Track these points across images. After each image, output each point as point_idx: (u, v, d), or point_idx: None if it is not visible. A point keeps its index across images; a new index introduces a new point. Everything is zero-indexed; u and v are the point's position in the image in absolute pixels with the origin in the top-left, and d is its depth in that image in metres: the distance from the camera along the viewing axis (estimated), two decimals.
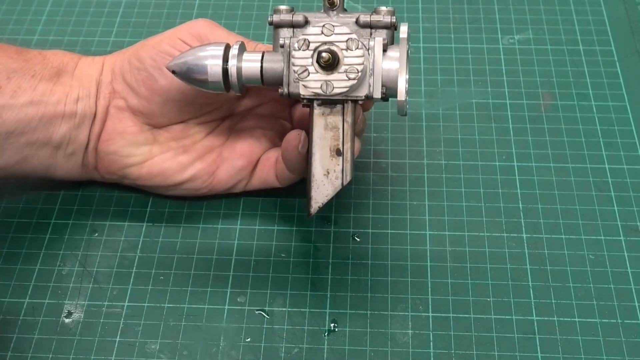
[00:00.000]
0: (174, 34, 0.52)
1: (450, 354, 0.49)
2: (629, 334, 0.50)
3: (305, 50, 0.43)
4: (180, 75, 0.49)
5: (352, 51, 0.44)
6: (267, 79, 0.48)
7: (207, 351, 0.49)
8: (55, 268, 0.53)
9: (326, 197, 0.48)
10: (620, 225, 0.55)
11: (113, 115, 0.53)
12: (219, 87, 0.49)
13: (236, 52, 0.48)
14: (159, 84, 0.51)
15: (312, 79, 0.44)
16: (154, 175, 0.54)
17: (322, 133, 0.47)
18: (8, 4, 0.73)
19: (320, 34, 0.43)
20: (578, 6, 0.71)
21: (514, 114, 0.62)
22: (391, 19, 0.48)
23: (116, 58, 0.54)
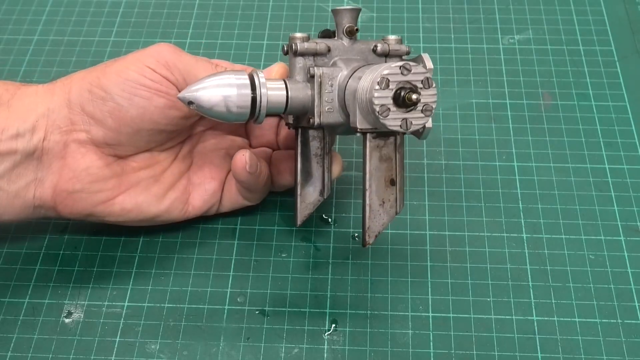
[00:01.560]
0: (141, 62, 0.48)
1: (450, 354, 0.49)
2: (629, 334, 0.50)
3: (386, 90, 0.43)
4: (200, 107, 0.46)
5: (427, 89, 0.44)
6: (292, 107, 0.48)
7: (207, 351, 0.49)
8: (55, 268, 0.53)
9: (382, 226, 0.48)
10: (620, 225, 0.55)
11: (74, 150, 0.49)
12: (243, 117, 0.47)
13: (264, 80, 0.47)
14: (129, 115, 0.48)
15: (392, 117, 0.44)
16: (127, 210, 0.51)
17: (377, 165, 0.47)
18: (8, 4, 0.73)
19: (399, 74, 0.43)
20: (578, 6, 0.71)
21: (514, 114, 0.62)
22: (407, 49, 0.50)
23: (70, 86, 0.49)
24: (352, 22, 0.50)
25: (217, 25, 0.70)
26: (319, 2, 0.72)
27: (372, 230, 0.48)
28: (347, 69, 0.48)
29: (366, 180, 0.47)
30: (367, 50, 0.50)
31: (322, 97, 0.48)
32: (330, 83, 0.48)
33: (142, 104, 0.48)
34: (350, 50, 0.50)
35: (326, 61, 0.49)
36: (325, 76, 0.48)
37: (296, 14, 0.71)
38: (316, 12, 0.71)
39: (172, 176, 0.52)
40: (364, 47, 0.50)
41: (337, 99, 0.48)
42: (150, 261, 0.54)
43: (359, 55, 0.50)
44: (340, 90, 0.47)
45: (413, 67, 0.43)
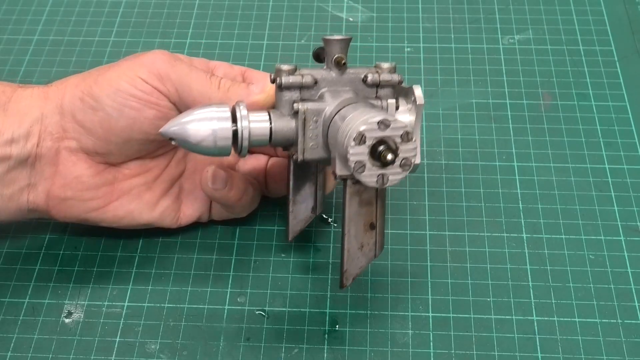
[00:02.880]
0: (133, 72, 0.48)
1: (450, 354, 0.49)
2: (629, 334, 0.50)
3: (362, 146, 0.42)
4: (181, 143, 0.45)
5: (407, 144, 0.42)
6: (276, 140, 0.47)
7: (207, 351, 0.49)
8: (55, 268, 0.53)
9: (360, 269, 0.48)
10: (620, 225, 0.55)
11: (65, 157, 0.49)
12: (226, 151, 0.46)
13: (246, 112, 0.46)
14: (119, 126, 0.48)
15: (368, 173, 0.42)
16: (120, 217, 0.51)
17: (357, 209, 0.46)
18: (8, 4, 0.73)
19: (377, 129, 0.41)
20: (578, 6, 0.71)
21: (514, 114, 0.62)
22: (399, 78, 0.47)
23: (64, 92, 0.49)
24: (341, 52, 0.47)
25: (217, 25, 0.70)
26: (319, 2, 0.72)
27: (350, 273, 0.47)
28: (334, 104, 0.46)
29: (345, 224, 0.46)
30: (357, 80, 0.47)
31: (306, 134, 0.46)
32: (315, 119, 0.46)
33: (132, 115, 0.48)
34: (339, 81, 0.47)
35: (313, 93, 0.47)
36: (310, 112, 0.46)
37: (296, 14, 0.71)
38: (316, 12, 0.71)
39: (164, 183, 0.52)
40: (353, 77, 0.47)
41: (321, 135, 0.46)
42: (150, 261, 0.54)
43: (349, 86, 0.47)
44: (325, 126, 0.46)
45: (392, 121, 0.41)
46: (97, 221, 0.51)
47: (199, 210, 0.53)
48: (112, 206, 0.51)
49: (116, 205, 0.51)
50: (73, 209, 0.50)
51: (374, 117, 0.42)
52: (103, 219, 0.51)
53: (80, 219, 0.51)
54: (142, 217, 0.52)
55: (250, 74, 0.52)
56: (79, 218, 0.51)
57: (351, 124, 0.42)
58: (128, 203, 0.51)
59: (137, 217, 0.52)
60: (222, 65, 0.52)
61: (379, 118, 0.41)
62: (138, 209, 0.51)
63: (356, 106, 0.45)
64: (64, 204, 0.50)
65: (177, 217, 0.53)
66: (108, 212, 0.51)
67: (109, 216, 0.51)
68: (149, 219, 0.52)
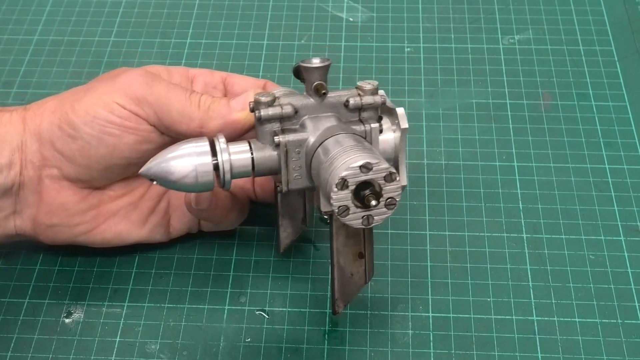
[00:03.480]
0: (109, 97, 0.47)
1: (450, 354, 0.49)
2: (629, 334, 0.50)
3: (345, 191, 0.41)
4: (162, 182, 0.45)
5: (390, 184, 0.41)
6: (259, 171, 0.46)
7: (207, 351, 0.49)
8: (55, 268, 0.53)
9: (351, 296, 0.48)
10: (620, 225, 0.55)
11: (48, 185, 0.48)
12: (209, 186, 0.45)
13: (225, 145, 0.45)
14: (99, 154, 0.47)
15: (353, 216, 0.41)
16: (108, 240, 0.51)
17: (344, 241, 0.46)
18: (8, 4, 0.73)
19: (359, 174, 0.40)
20: (578, 6, 0.71)
21: (514, 114, 0.62)
22: (382, 100, 0.46)
23: (41, 118, 0.48)
24: (321, 79, 0.46)
25: (217, 25, 0.70)
26: (319, 2, 0.72)
27: (342, 300, 0.48)
28: (316, 133, 0.45)
29: (334, 256, 0.46)
30: (338, 105, 0.46)
31: (289, 165, 0.46)
32: (297, 150, 0.45)
33: (111, 142, 0.47)
34: (320, 108, 0.46)
35: (294, 121, 0.46)
36: (292, 144, 0.45)
37: (296, 14, 0.71)
38: (316, 12, 0.71)
39: (150, 200, 0.52)
40: (335, 102, 0.46)
41: (305, 166, 0.46)
42: (150, 261, 0.54)
43: (331, 111, 0.46)
44: (308, 157, 0.45)
45: (374, 164, 0.41)
46: (86, 244, 0.51)
47: (188, 224, 0.53)
48: (100, 229, 0.51)
49: (104, 228, 0.51)
50: (60, 234, 0.50)
51: (355, 161, 0.41)
52: (92, 241, 0.51)
53: (69, 242, 0.51)
54: (132, 236, 0.52)
55: (232, 79, 0.52)
56: (68, 242, 0.51)
57: (334, 165, 0.42)
58: (116, 224, 0.51)
59: (127, 237, 0.51)
60: (202, 74, 0.52)
61: (360, 162, 0.40)
62: (127, 229, 0.51)
63: (338, 139, 0.44)
64: (50, 230, 0.50)
65: (167, 232, 0.53)
66: (96, 234, 0.51)
67: (97, 239, 0.51)
68: (138, 238, 0.52)
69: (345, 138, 0.44)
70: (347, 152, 0.42)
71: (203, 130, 0.47)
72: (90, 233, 0.50)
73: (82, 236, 0.50)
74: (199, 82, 0.52)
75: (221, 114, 0.47)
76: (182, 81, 0.51)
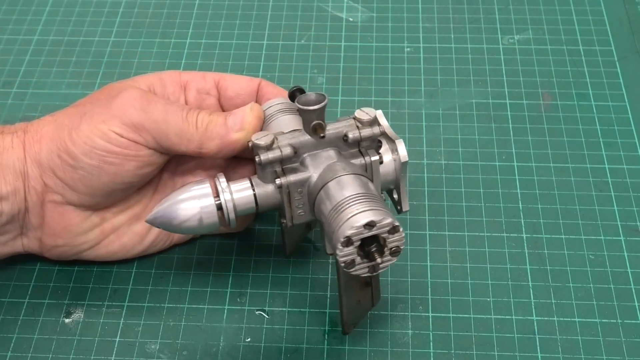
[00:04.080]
0: (106, 126, 0.46)
1: (450, 354, 0.49)
2: (629, 334, 0.50)
3: (350, 247, 0.41)
4: (168, 228, 0.46)
5: (394, 235, 0.42)
6: (262, 207, 0.47)
7: (207, 351, 0.49)
8: (55, 268, 0.53)
9: (360, 319, 0.49)
10: (620, 225, 0.55)
11: (51, 209, 0.48)
12: (215, 226, 0.46)
13: (225, 184, 0.46)
14: (101, 182, 0.47)
15: (359, 267, 0.43)
16: (113, 253, 0.51)
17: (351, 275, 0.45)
18: (8, 4, 0.73)
19: (364, 231, 0.41)
20: (578, 6, 0.71)
21: (514, 114, 0.62)
22: (381, 131, 0.46)
23: (40, 146, 0.47)
24: (319, 118, 0.45)
25: (217, 25, 0.70)
26: (319, 2, 0.72)
27: (350, 322, 0.49)
28: (317, 172, 0.46)
29: (341, 287, 0.47)
30: (337, 140, 0.46)
31: (292, 204, 0.46)
32: (299, 190, 0.46)
33: (112, 171, 0.47)
34: (319, 144, 0.46)
35: (294, 160, 0.46)
36: (293, 185, 0.46)
37: (296, 14, 0.71)
38: (316, 12, 0.71)
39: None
40: (333, 137, 0.46)
41: (307, 203, 0.46)
42: (150, 261, 0.54)
43: (330, 145, 0.46)
44: (311, 196, 0.46)
45: (378, 222, 0.41)
46: (91, 258, 0.51)
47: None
48: (104, 243, 0.51)
49: (108, 242, 0.51)
50: (66, 252, 0.51)
51: (359, 220, 0.41)
52: (97, 255, 0.51)
53: (75, 258, 0.51)
54: (136, 248, 0.52)
55: (224, 83, 0.52)
56: (74, 258, 0.51)
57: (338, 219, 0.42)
58: (119, 238, 0.51)
59: (131, 249, 0.52)
60: (194, 79, 0.51)
61: (364, 220, 0.41)
62: (130, 242, 0.51)
63: (340, 182, 0.44)
64: (56, 250, 0.50)
65: (171, 240, 0.53)
66: (101, 249, 0.51)
67: (102, 253, 0.51)
68: (142, 248, 0.52)
69: (347, 181, 0.44)
70: (350, 206, 0.42)
71: (202, 151, 0.48)
72: (95, 248, 0.51)
73: (87, 252, 0.51)
74: (191, 89, 0.51)
75: (219, 135, 0.47)
76: (175, 90, 0.51)
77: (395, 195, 0.49)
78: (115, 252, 0.51)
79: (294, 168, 0.46)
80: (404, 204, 0.49)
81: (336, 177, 0.45)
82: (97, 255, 0.51)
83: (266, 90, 0.52)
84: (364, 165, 0.47)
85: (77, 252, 0.51)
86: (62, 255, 0.51)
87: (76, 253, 0.51)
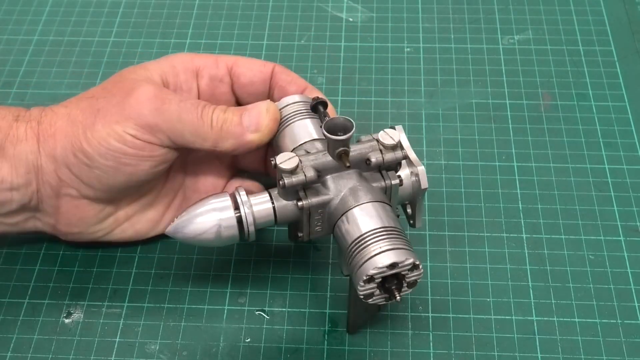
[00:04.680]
0: (121, 128, 0.46)
1: (450, 354, 0.49)
2: (629, 334, 0.50)
3: (371, 284, 0.42)
4: (188, 241, 0.46)
5: (413, 272, 0.43)
6: (281, 220, 0.47)
7: (207, 351, 0.49)
8: (55, 268, 0.53)
9: (365, 321, 0.49)
10: (620, 225, 0.55)
11: (67, 202, 0.48)
12: (234, 239, 0.46)
13: (246, 197, 0.46)
14: (118, 180, 0.47)
15: (377, 298, 0.44)
16: (127, 238, 0.52)
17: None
18: (8, 4, 0.73)
19: (386, 271, 0.42)
20: (578, 6, 0.71)
21: (514, 114, 0.62)
22: (403, 155, 0.46)
23: (55, 142, 0.47)
24: (345, 146, 0.45)
25: (217, 26, 0.70)
26: (319, 2, 0.72)
27: (357, 324, 0.49)
28: (338, 195, 0.46)
29: (351, 299, 0.47)
30: (360, 162, 0.46)
31: (311, 223, 0.47)
32: (320, 211, 0.46)
33: (128, 171, 0.47)
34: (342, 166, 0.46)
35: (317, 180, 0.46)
36: (314, 207, 0.46)
37: (296, 14, 0.71)
38: (316, 12, 0.71)
39: (166, 197, 0.52)
40: (356, 160, 0.46)
41: (326, 222, 0.47)
42: (150, 261, 0.54)
43: (352, 167, 0.46)
44: (331, 218, 0.46)
45: (400, 262, 0.42)
46: (106, 242, 0.52)
47: None
48: (118, 230, 0.51)
49: (123, 229, 0.51)
50: (80, 239, 0.51)
51: (382, 261, 0.42)
52: (111, 240, 0.52)
53: (89, 242, 0.52)
54: (150, 233, 0.53)
55: (237, 70, 0.51)
56: (88, 242, 0.52)
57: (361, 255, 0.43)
58: (132, 225, 0.52)
59: (144, 234, 0.52)
60: (206, 66, 0.51)
61: (388, 262, 0.42)
62: (144, 228, 0.52)
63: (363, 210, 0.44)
64: (70, 236, 0.51)
65: None
66: (115, 235, 0.51)
67: (116, 237, 0.52)
68: (156, 233, 0.53)
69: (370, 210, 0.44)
70: (373, 242, 0.43)
71: (217, 150, 0.48)
72: (110, 235, 0.51)
73: (101, 238, 0.51)
74: (203, 77, 0.51)
75: (235, 134, 0.47)
76: (187, 79, 0.51)
77: (409, 210, 0.50)
78: (129, 237, 0.52)
79: (316, 189, 0.46)
80: (417, 222, 0.49)
81: (359, 204, 0.45)
82: (112, 241, 0.52)
83: (279, 78, 0.52)
84: (384, 188, 0.47)
85: (92, 239, 0.51)
86: (76, 239, 0.51)
87: (91, 239, 0.51)
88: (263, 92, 0.52)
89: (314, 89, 0.52)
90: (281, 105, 0.50)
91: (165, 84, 0.50)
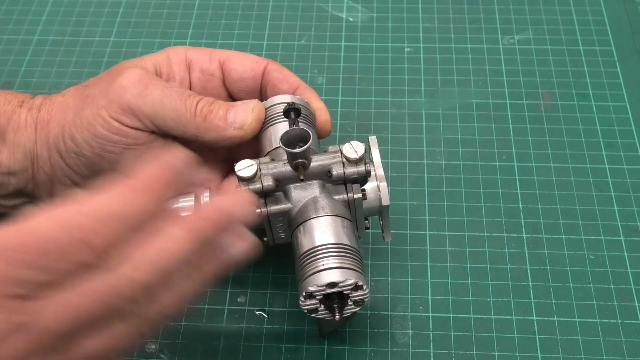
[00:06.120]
0: (106, 112, 0.46)
1: (450, 354, 0.49)
2: (629, 334, 0.50)
3: (312, 300, 0.43)
4: None
5: (357, 292, 0.43)
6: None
7: (207, 351, 0.49)
8: None
9: (335, 327, 0.49)
10: (620, 225, 0.55)
11: (61, 190, 0.49)
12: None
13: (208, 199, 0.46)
14: (103, 168, 0.47)
15: (322, 313, 0.44)
16: None
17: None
18: (8, 4, 0.73)
19: (326, 289, 0.42)
20: (578, 6, 0.71)
21: (514, 114, 0.62)
22: (365, 169, 0.45)
23: (49, 129, 0.48)
24: (302, 158, 0.44)
25: (217, 25, 0.70)
26: (319, 2, 0.72)
27: (327, 330, 0.49)
28: (298, 205, 0.45)
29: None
30: (322, 173, 0.46)
31: (273, 229, 0.47)
32: (280, 219, 0.46)
33: (113, 159, 0.47)
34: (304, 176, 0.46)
35: (278, 189, 0.46)
36: (273, 215, 0.46)
37: (296, 14, 0.71)
38: (316, 12, 0.71)
39: None
40: (318, 170, 0.45)
41: (288, 229, 0.47)
42: None
43: (314, 178, 0.46)
44: (291, 226, 0.46)
45: (339, 282, 0.42)
46: None
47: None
48: None
49: None
50: None
51: (322, 279, 0.42)
52: None
53: None
54: None
55: (229, 65, 0.51)
56: None
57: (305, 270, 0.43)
58: None
59: None
60: (199, 60, 0.51)
61: (327, 281, 0.42)
62: None
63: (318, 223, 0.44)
64: None
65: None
66: None
67: None
68: None
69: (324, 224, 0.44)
70: (318, 259, 0.43)
71: (199, 140, 0.48)
72: None
73: None
74: (195, 70, 0.51)
75: (218, 128, 0.47)
76: (180, 69, 0.51)
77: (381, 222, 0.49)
78: None
79: (276, 197, 0.46)
80: (386, 235, 0.49)
81: (316, 216, 0.45)
82: None
83: (272, 76, 0.52)
84: (346, 201, 0.46)
85: None
86: None
87: None
88: (254, 88, 0.52)
89: (306, 88, 0.52)
90: (268, 104, 0.50)
91: (158, 73, 0.50)
